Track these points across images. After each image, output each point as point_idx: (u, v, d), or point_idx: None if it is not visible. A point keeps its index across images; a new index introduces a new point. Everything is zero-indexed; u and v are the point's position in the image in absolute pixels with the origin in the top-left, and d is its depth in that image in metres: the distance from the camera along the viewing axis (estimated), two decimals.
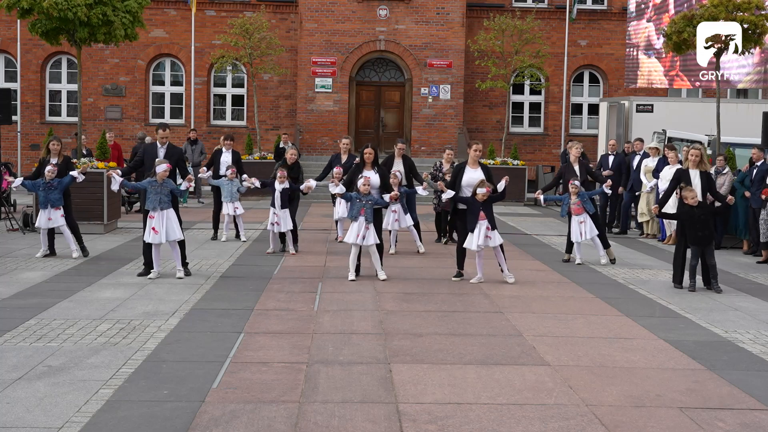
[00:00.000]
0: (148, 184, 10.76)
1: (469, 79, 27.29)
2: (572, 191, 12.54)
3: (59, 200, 12.34)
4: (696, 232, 10.60)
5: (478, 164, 11.31)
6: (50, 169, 12.35)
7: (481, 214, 10.76)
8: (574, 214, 12.56)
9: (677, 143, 18.59)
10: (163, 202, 10.73)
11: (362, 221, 10.77)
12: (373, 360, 7.11)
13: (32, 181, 12.44)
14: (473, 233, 10.78)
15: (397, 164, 13.82)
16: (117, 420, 5.53)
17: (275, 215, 12.97)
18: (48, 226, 12.28)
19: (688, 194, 10.66)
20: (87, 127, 26.60)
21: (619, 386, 6.52)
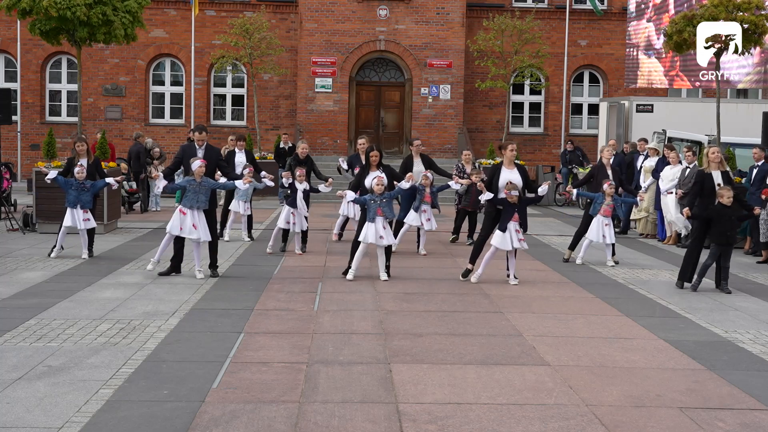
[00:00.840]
0: (187, 182, 10.73)
1: (469, 79, 27.29)
2: (608, 192, 12.52)
3: (89, 202, 12.34)
4: (724, 232, 10.56)
5: (515, 165, 11.32)
6: (78, 170, 12.27)
7: (515, 215, 10.77)
8: (602, 214, 12.54)
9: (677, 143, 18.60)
10: (201, 201, 10.66)
11: (380, 221, 10.77)
12: (373, 360, 7.11)
13: (65, 179, 12.37)
14: (504, 233, 10.76)
15: (417, 164, 13.87)
16: (117, 420, 5.53)
17: (292, 215, 12.94)
18: (84, 227, 12.18)
19: (725, 192, 10.62)
20: (87, 127, 26.58)
21: (619, 386, 6.52)
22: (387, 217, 10.86)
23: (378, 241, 10.76)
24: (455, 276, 11.36)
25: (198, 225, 10.65)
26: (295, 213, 12.98)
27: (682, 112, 22.57)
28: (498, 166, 11.45)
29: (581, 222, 13.13)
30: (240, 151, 15.40)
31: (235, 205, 14.46)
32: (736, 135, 18.96)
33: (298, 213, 13.00)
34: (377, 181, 10.92)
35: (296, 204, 12.96)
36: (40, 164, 15.55)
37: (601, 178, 12.95)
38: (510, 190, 10.75)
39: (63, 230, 12.28)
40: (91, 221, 12.37)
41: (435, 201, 13.66)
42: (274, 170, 21.91)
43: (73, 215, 12.17)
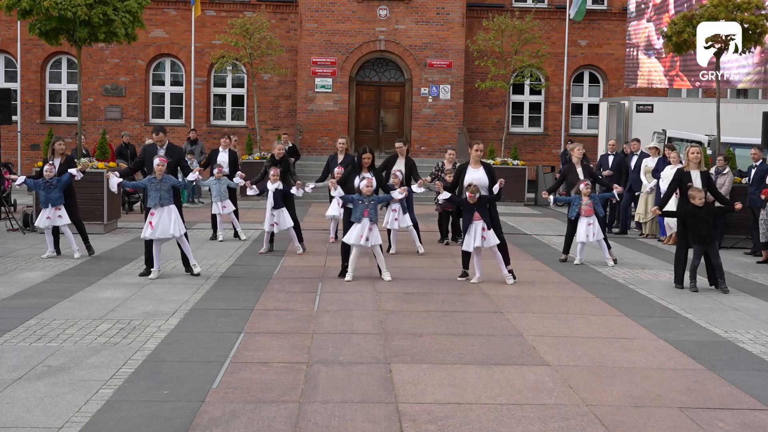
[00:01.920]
0: (148, 181, 10.75)
1: (469, 79, 27.29)
2: (584, 192, 12.54)
3: (59, 199, 12.33)
4: (699, 232, 10.59)
5: (480, 164, 11.30)
6: (47, 168, 12.37)
7: (476, 214, 10.78)
8: (584, 215, 12.55)
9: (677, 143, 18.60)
10: (164, 198, 10.69)
11: (366, 222, 10.76)
12: (373, 360, 7.11)
13: (34, 180, 12.46)
14: (469, 234, 10.81)
15: (399, 164, 13.83)
16: (117, 420, 5.53)
17: (272, 216, 12.98)
18: (48, 225, 12.28)
19: (695, 194, 10.64)
20: (87, 127, 26.61)
21: (619, 386, 6.52)
22: (372, 220, 10.80)
23: (362, 243, 10.72)
24: (455, 276, 11.36)
25: (169, 221, 10.66)
26: (275, 214, 12.98)
27: (682, 112, 22.57)
28: (464, 165, 11.43)
29: (567, 226, 13.19)
30: (223, 150, 15.45)
31: (214, 207, 14.51)
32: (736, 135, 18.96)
33: (277, 213, 12.98)
34: (367, 182, 10.90)
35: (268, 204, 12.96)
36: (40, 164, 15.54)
37: (572, 178, 13.03)
38: (473, 192, 10.74)
39: (47, 232, 12.36)
40: (64, 217, 12.32)
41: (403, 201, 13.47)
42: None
43: (44, 215, 12.22)
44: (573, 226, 12.86)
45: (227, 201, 14.50)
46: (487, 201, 10.94)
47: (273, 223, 13.00)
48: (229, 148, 15.61)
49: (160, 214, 10.66)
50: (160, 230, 10.61)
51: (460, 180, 11.20)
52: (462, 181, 11.14)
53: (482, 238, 10.74)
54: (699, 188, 10.80)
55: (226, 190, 14.43)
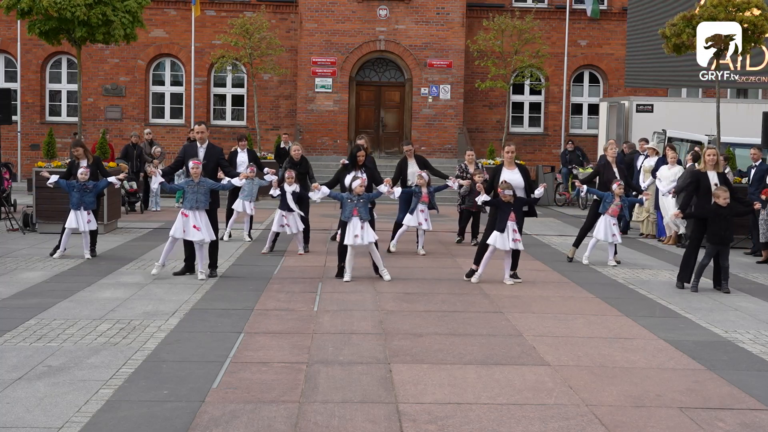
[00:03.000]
0: (186, 184, 10.73)
1: (469, 79, 27.29)
2: (617, 192, 12.52)
3: (93, 203, 12.32)
4: (720, 232, 10.59)
5: (515, 165, 11.31)
6: (83, 171, 12.29)
7: (512, 215, 10.76)
8: (610, 214, 12.54)
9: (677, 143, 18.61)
10: (200, 201, 10.64)
11: (356, 221, 10.74)
12: (373, 360, 7.11)
13: (66, 181, 12.37)
14: (502, 233, 10.76)
15: (412, 165, 13.84)
16: (117, 420, 5.53)
17: (284, 217, 12.96)
18: (87, 228, 12.19)
19: (721, 193, 10.65)
20: (87, 127, 26.61)
21: (619, 386, 6.52)
22: (362, 218, 10.76)
23: (354, 241, 10.69)
24: (455, 276, 11.36)
25: (200, 226, 10.64)
26: (287, 216, 12.97)
27: (682, 112, 22.59)
28: (499, 166, 11.47)
29: (587, 219, 13.14)
30: (242, 151, 15.46)
31: (239, 204, 14.42)
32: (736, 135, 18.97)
33: (291, 215, 12.98)
34: (360, 182, 10.87)
35: (287, 207, 12.95)
36: (40, 164, 15.56)
37: (608, 176, 12.95)
38: (503, 189, 10.74)
39: (67, 232, 12.26)
40: (93, 222, 12.36)
41: (433, 201, 13.65)
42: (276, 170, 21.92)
43: (77, 217, 12.16)
44: (591, 222, 12.82)
45: (254, 203, 14.52)
46: (525, 203, 10.96)
47: (285, 224, 12.96)
48: (247, 148, 15.61)
49: (194, 216, 10.63)
50: (192, 233, 10.59)
51: (494, 181, 11.16)
52: (497, 182, 11.10)
53: (514, 241, 10.73)
54: (725, 188, 10.79)
55: (257, 189, 14.39)
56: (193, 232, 10.60)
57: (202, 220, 10.68)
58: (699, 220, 10.95)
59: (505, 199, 10.73)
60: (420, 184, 13.36)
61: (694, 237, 11.04)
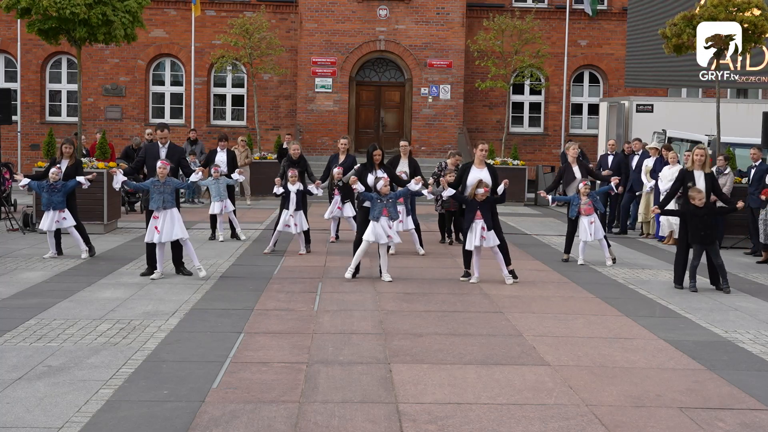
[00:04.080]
0: (151, 183, 10.74)
1: (469, 79, 27.29)
2: (583, 191, 12.55)
3: (61, 203, 12.25)
4: (698, 232, 10.60)
5: (485, 164, 11.31)
6: (54, 171, 12.29)
7: (477, 213, 10.78)
8: (584, 214, 12.56)
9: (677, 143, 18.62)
10: (167, 201, 10.68)
11: (385, 221, 10.78)
12: (373, 360, 7.11)
13: (37, 182, 12.38)
14: (470, 232, 10.81)
15: (403, 164, 13.83)
16: (117, 420, 5.53)
17: (291, 217, 12.96)
18: (51, 228, 12.22)
19: (695, 194, 10.65)
20: (87, 127, 26.59)
21: (619, 386, 6.52)
22: (392, 218, 10.86)
23: (386, 241, 10.79)
24: (455, 276, 11.37)
25: (172, 224, 10.64)
26: (294, 215, 12.99)
27: (682, 112, 22.59)
28: (467, 165, 11.44)
29: (567, 225, 13.22)
30: (221, 151, 15.49)
31: (213, 207, 14.52)
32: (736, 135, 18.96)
33: (297, 215, 13.00)
34: (384, 182, 10.92)
35: (290, 206, 12.96)
36: (40, 164, 15.55)
37: (569, 178, 13.06)
38: (476, 188, 10.74)
39: (48, 234, 12.30)
40: (69, 219, 12.28)
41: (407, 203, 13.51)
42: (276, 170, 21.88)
43: (47, 218, 12.17)
44: (573, 226, 12.89)
45: (227, 201, 14.50)
46: (490, 201, 10.94)
47: (293, 224, 12.97)
48: (227, 148, 15.65)
49: (164, 217, 10.64)
50: (165, 234, 10.61)
51: (463, 179, 11.18)
52: (465, 179, 11.12)
53: (482, 238, 10.75)
54: (699, 189, 10.80)
55: (225, 189, 14.45)
56: (167, 233, 10.60)
57: (174, 219, 10.69)
58: (683, 222, 10.96)
59: (478, 198, 10.75)
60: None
61: (681, 237, 11.08)
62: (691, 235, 10.72)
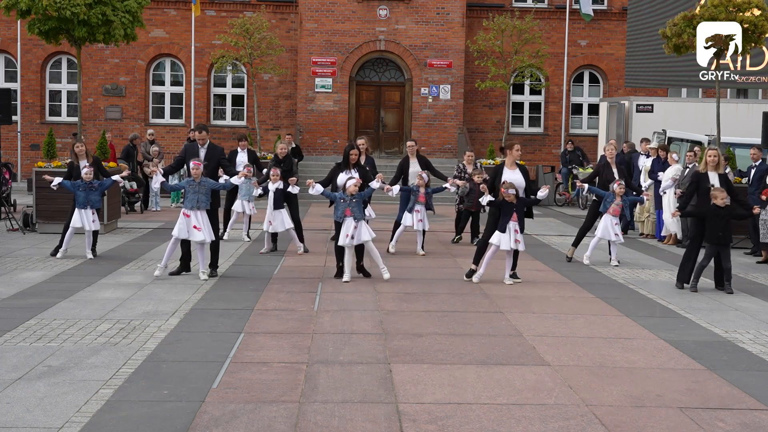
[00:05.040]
0: (187, 183, 10.73)
1: (469, 79, 27.29)
2: (618, 192, 12.53)
3: (98, 202, 12.40)
4: (717, 232, 10.58)
5: (516, 165, 11.30)
6: (87, 171, 12.31)
7: (514, 215, 10.75)
8: (611, 213, 12.55)
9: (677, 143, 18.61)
10: (201, 201, 10.64)
11: (350, 222, 10.72)
12: (373, 360, 7.11)
13: (71, 182, 12.38)
14: (504, 233, 10.76)
15: (414, 164, 13.81)
16: (117, 420, 5.53)
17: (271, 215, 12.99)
18: (92, 228, 12.21)
19: (719, 194, 10.65)
20: (87, 127, 26.60)
21: (619, 386, 6.52)
22: (356, 218, 10.73)
23: (348, 242, 10.65)
24: (455, 276, 11.36)
25: (201, 226, 10.64)
26: (273, 214, 12.98)
27: (682, 112, 22.58)
28: (500, 166, 11.45)
29: (586, 219, 13.17)
30: (242, 151, 15.46)
31: (239, 205, 14.48)
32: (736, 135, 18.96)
33: (278, 213, 12.98)
34: (355, 182, 10.84)
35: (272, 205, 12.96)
36: (40, 164, 15.56)
37: (608, 176, 12.96)
38: (507, 189, 10.73)
39: (71, 231, 12.27)
40: (97, 222, 12.42)
41: (430, 202, 13.65)
42: None
43: (83, 216, 12.17)
44: (591, 221, 12.84)
45: (253, 203, 14.55)
46: (526, 203, 10.95)
47: (269, 221, 13.01)
48: (247, 148, 15.64)
49: (195, 216, 10.63)
50: (193, 233, 10.59)
51: (496, 180, 11.16)
52: (498, 182, 11.10)
53: (516, 242, 10.73)
54: (722, 188, 10.79)
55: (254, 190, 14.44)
56: (194, 233, 10.62)
57: (203, 221, 10.68)
58: (698, 221, 10.96)
59: (509, 199, 10.73)
60: (419, 185, 13.37)
61: (693, 237, 11.05)
62: (708, 235, 10.68)
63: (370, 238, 10.78)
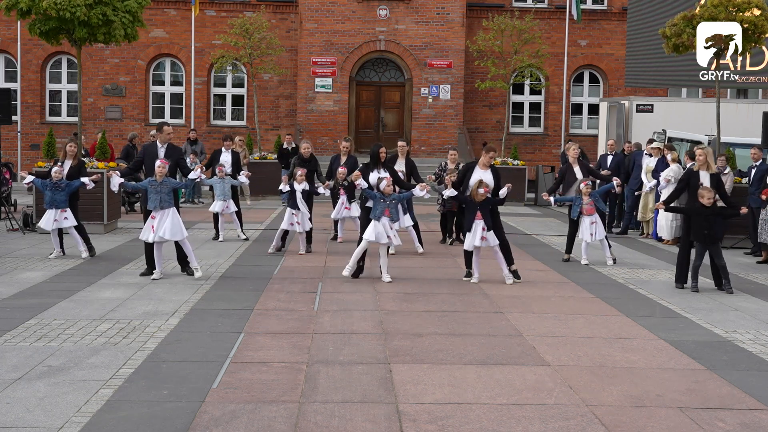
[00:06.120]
0: (148, 183, 10.73)
1: (469, 79, 27.29)
2: (584, 191, 12.55)
3: (64, 202, 12.28)
4: (702, 230, 10.59)
5: (489, 167, 11.30)
6: (56, 170, 12.31)
7: (478, 213, 10.78)
8: (586, 214, 12.57)
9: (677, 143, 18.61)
10: (164, 201, 10.67)
11: (386, 222, 10.76)
12: (373, 360, 7.11)
13: (41, 180, 12.39)
14: (470, 232, 10.81)
15: (399, 164, 13.80)
16: (117, 420, 5.53)
17: (293, 215, 12.96)
18: (52, 227, 12.23)
19: (705, 193, 10.65)
20: (87, 127, 26.61)
21: (619, 386, 6.52)
22: (393, 219, 10.85)
23: (386, 241, 10.76)
24: (455, 276, 11.37)
25: (170, 224, 10.61)
26: (297, 214, 12.98)
27: (682, 112, 22.58)
28: (472, 164, 11.42)
29: (569, 226, 13.21)
30: (226, 151, 15.46)
31: (215, 205, 14.54)
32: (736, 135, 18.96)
33: (300, 214, 13.00)
34: (387, 182, 10.90)
35: (297, 205, 12.96)
36: (40, 164, 15.56)
37: (571, 178, 13.06)
38: (477, 188, 10.74)
39: (52, 233, 12.30)
40: (70, 219, 12.30)
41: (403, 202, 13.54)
42: (276, 170, 21.93)
43: (49, 216, 12.18)
44: (575, 226, 12.88)
45: (230, 201, 14.53)
46: (491, 203, 10.94)
47: (296, 222, 12.97)
48: (231, 149, 15.63)
49: (161, 216, 10.63)
50: (161, 233, 10.60)
51: (465, 179, 11.17)
52: (468, 179, 11.11)
53: (482, 239, 10.75)
54: (709, 188, 10.79)
55: (229, 189, 14.47)
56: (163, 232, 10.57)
57: (172, 219, 10.66)
58: (686, 220, 10.97)
59: (478, 198, 10.75)
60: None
61: (684, 236, 11.08)
62: (694, 233, 10.71)
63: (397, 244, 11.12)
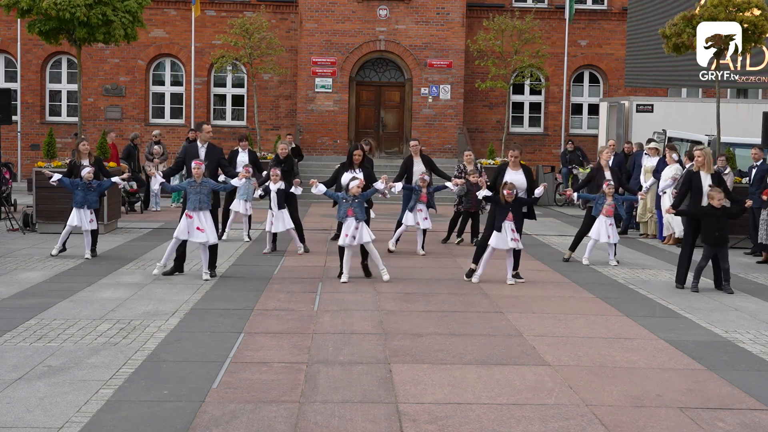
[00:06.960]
0: (187, 184, 10.73)
1: (469, 79, 27.28)
2: (608, 192, 12.56)
3: (96, 202, 12.40)
4: (713, 233, 10.57)
5: (520, 166, 11.32)
6: (89, 170, 12.33)
7: (510, 215, 10.75)
8: (604, 215, 12.58)
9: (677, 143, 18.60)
10: (203, 202, 10.63)
11: (351, 222, 10.72)
12: (373, 360, 7.11)
13: (70, 180, 12.38)
14: (500, 232, 10.76)
15: (418, 164, 13.85)
16: (117, 420, 5.54)
17: (272, 215, 13.00)
18: (89, 228, 12.21)
19: (715, 194, 10.64)
20: (87, 127, 26.59)
21: (619, 386, 6.52)
22: (357, 218, 10.71)
23: (348, 242, 10.65)
24: (455, 276, 11.36)
25: (204, 227, 10.64)
26: (275, 214, 12.98)
27: (682, 112, 22.58)
28: (503, 166, 11.49)
29: (583, 222, 13.18)
30: (243, 151, 15.44)
31: (237, 204, 14.49)
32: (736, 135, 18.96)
33: (279, 213, 12.97)
34: (358, 183, 10.82)
35: (272, 206, 12.97)
36: (40, 164, 15.55)
37: (600, 179, 13.03)
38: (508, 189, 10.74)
39: (67, 229, 12.28)
40: (95, 222, 12.41)
41: (431, 201, 13.67)
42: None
43: (80, 215, 12.18)
44: (588, 225, 12.87)
45: (250, 203, 14.56)
46: (524, 203, 10.95)
47: (270, 222, 13.02)
48: (248, 149, 15.64)
49: (198, 217, 10.63)
50: (196, 234, 10.58)
51: (497, 180, 11.18)
52: (500, 180, 11.12)
53: (513, 240, 10.72)
54: (718, 189, 10.78)
55: (253, 190, 14.44)
56: (197, 234, 10.61)
57: (206, 221, 10.68)
58: (691, 221, 10.96)
59: (507, 198, 10.73)
60: (421, 185, 13.42)
61: (687, 237, 11.06)
62: (704, 236, 10.67)
63: (370, 239, 10.75)
